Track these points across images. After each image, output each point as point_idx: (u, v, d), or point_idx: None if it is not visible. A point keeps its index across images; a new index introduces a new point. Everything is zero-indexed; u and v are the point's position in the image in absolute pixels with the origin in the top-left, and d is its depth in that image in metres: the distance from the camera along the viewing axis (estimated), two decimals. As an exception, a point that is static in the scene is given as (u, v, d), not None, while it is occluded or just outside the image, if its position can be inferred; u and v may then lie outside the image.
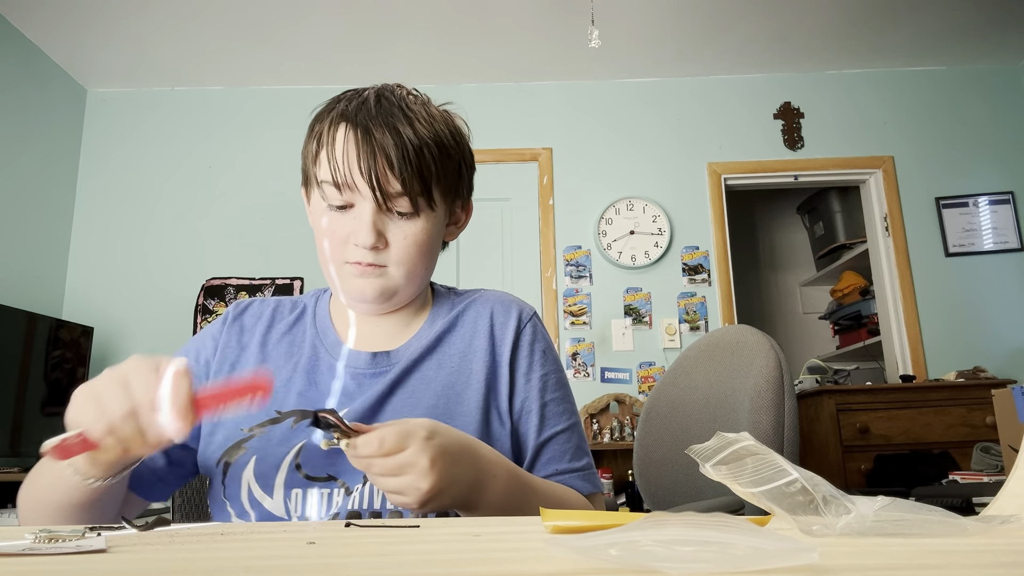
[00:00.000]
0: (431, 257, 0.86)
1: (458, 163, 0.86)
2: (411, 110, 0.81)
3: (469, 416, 0.84)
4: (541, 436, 0.87)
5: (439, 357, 0.88)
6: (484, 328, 0.90)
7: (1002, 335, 3.67)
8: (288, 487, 0.79)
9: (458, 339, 0.90)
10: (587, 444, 0.92)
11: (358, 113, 0.80)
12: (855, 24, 3.60)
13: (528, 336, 0.91)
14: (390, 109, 0.80)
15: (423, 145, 0.79)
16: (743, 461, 0.43)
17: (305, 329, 0.92)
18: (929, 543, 0.37)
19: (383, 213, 0.80)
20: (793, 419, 1.12)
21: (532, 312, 0.94)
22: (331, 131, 0.80)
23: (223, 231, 3.80)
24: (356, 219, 0.80)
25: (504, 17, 3.45)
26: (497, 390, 0.87)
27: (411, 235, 0.82)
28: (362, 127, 0.78)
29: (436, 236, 0.85)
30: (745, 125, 3.96)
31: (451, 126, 0.86)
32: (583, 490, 0.86)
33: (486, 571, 0.31)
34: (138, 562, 0.36)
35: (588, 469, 0.88)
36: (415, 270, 0.84)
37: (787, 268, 5.16)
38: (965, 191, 3.85)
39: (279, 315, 0.95)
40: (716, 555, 0.28)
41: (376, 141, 0.78)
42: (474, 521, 0.59)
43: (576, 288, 3.75)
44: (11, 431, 2.93)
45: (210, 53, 3.68)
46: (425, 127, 0.80)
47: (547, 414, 0.88)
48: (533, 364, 0.89)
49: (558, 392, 0.90)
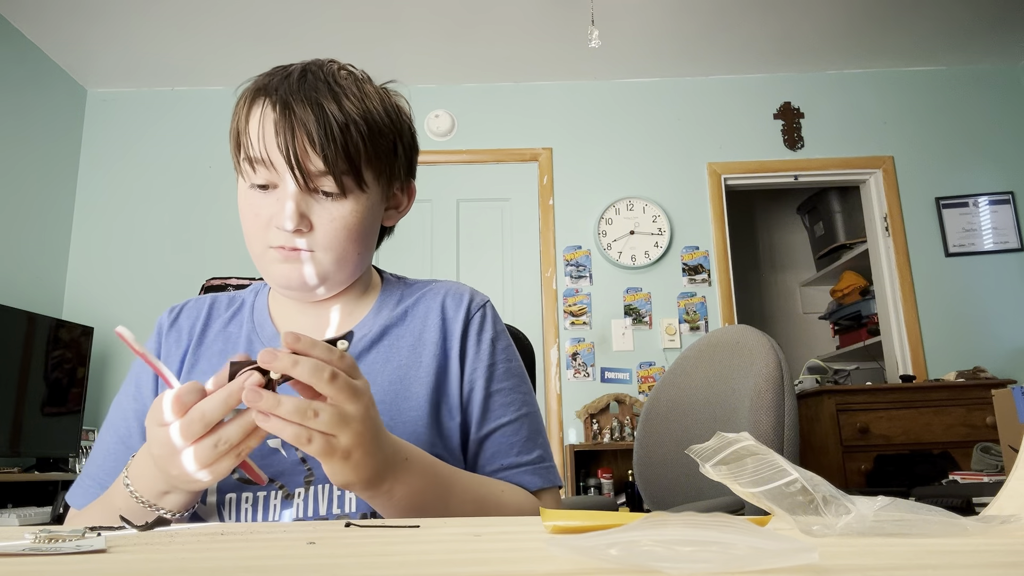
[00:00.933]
0: (364, 241, 0.80)
1: (392, 142, 0.79)
2: (339, 85, 0.75)
3: (417, 411, 0.80)
4: (483, 429, 0.82)
5: (386, 349, 0.84)
6: (435, 320, 0.86)
7: (1002, 335, 3.67)
8: (222, 492, 0.75)
9: (408, 332, 0.85)
10: (542, 436, 0.86)
11: (279, 88, 0.74)
12: (855, 24, 3.60)
13: (476, 325, 0.86)
14: (315, 84, 0.74)
15: (349, 122, 0.73)
16: (743, 461, 0.43)
17: (242, 324, 0.87)
18: (929, 543, 0.37)
19: (307, 194, 0.74)
20: (793, 419, 1.12)
21: (483, 301, 0.90)
22: (248, 106, 0.76)
23: (223, 231, 3.80)
24: (278, 200, 0.74)
25: (504, 17, 3.45)
26: (447, 383, 0.83)
27: (339, 217, 0.75)
28: (281, 101, 0.73)
29: (370, 219, 0.79)
30: (745, 125, 3.96)
31: (387, 104, 0.80)
32: (531, 485, 0.81)
33: (486, 571, 0.31)
34: (138, 562, 0.36)
35: (539, 463, 0.82)
36: (345, 255, 0.78)
37: (787, 268, 5.17)
38: (965, 191, 3.85)
39: (215, 312, 0.90)
40: (716, 555, 0.28)
41: (296, 116, 0.72)
42: (474, 521, 0.59)
43: (576, 288, 3.75)
44: (11, 431, 2.93)
45: (210, 53, 3.68)
46: (354, 103, 0.74)
47: (491, 405, 0.83)
48: (480, 354, 0.85)
49: (506, 382, 0.85)
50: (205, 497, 0.75)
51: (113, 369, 3.63)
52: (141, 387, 0.85)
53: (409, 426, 0.79)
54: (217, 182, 3.86)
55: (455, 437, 0.82)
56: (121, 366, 3.63)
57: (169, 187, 3.85)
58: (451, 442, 0.81)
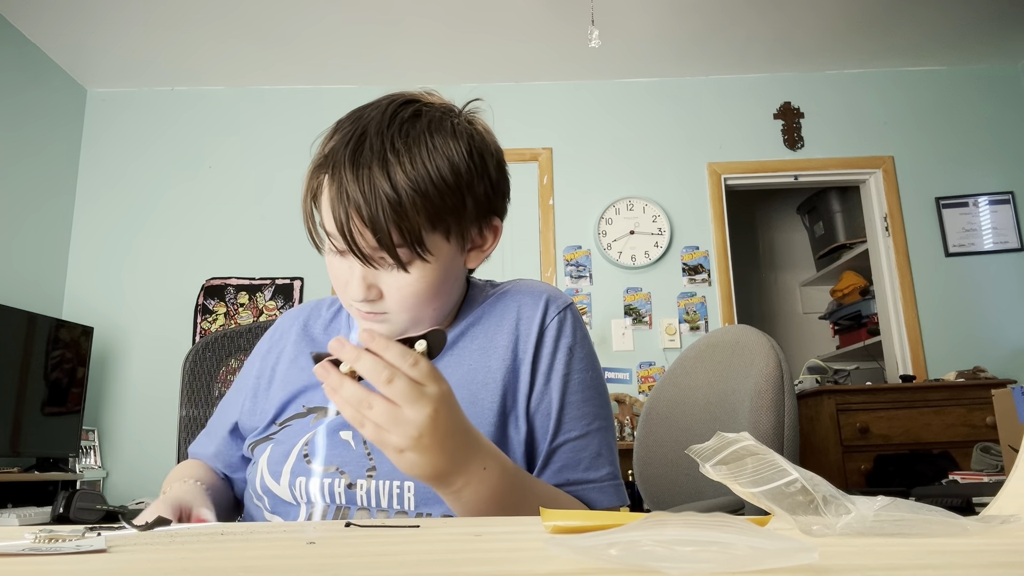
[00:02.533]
0: (439, 298, 0.79)
1: (459, 198, 0.76)
2: (395, 150, 0.72)
3: (482, 417, 0.80)
4: (554, 441, 0.80)
5: (458, 354, 0.84)
6: (510, 323, 0.84)
7: (1002, 335, 3.67)
8: (294, 475, 0.80)
9: (480, 334, 0.85)
10: (613, 453, 0.84)
11: (336, 161, 0.73)
12: (855, 24, 3.60)
13: (553, 331, 0.84)
14: (369, 154, 0.72)
15: (401, 196, 0.71)
16: (743, 461, 0.43)
17: (340, 327, 0.94)
18: (929, 543, 0.37)
19: (372, 264, 0.75)
20: (793, 419, 1.12)
21: (564, 305, 0.86)
22: (316, 178, 0.76)
23: (223, 231, 3.80)
24: (350, 268, 0.76)
25: (504, 17, 3.45)
26: (516, 390, 0.82)
27: (406, 286, 0.76)
28: (337, 179, 0.72)
29: (442, 277, 0.78)
30: (745, 125, 3.96)
31: (458, 153, 0.75)
32: (598, 504, 0.80)
33: (486, 571, 0.31)
34: (138, 562, 0.36)
35: (607, 481, 0.81)
36: (420, 315, 0.79)
37: (787, 268, 5.16)
38: (965, 191, 3.85)
39: (316, 314, 0.97)
40: (716, 555, 0.28)
41: (348, 195, 0.71)
42: (474, 521, 0.59)
43: (576, 288, 3.75)
44: (11, 431, 2.93)
45: (210, 53, 3.68)
46: (408, 173, 0.71)
47: (564, 418, 0.81)
48: (555, 362, 0.83)
49: (580, 394, 0.83)
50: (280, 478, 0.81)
51: (113, 369, 3.63)
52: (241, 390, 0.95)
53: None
54: (217, 182, 3.86)
55: (520, 448, 0.81)
56: (121, 366, 3.63)
57: (169, 187, 3.85)
58: (515, 451, 0.80)
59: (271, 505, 0.81)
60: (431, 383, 0.61)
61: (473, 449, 0.66)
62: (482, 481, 0.67)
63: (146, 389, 3.57)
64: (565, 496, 0.78)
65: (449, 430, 0.62)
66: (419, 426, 0.60)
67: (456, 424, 0.64)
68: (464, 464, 0.65)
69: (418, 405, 0.60)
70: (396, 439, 0.60)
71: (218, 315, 3.69)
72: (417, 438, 0.60)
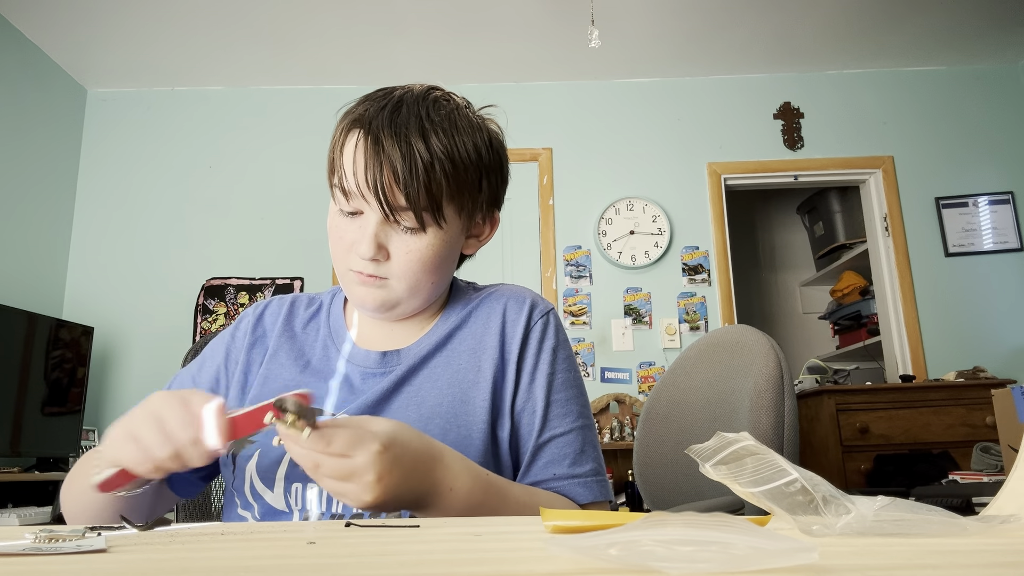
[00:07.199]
0: (439, 272, 0.83)
1: (478, 178, 0.83)
2: (430, 120, 0.78)
3: (474, 416, 0.81)
4: (540, 438, 0.83)
5: (448, 354, 0.86)
6: (496, 325, 0.87)
7: (1002, 335, 3.67)
8: (288, 481, 0.79)
9: (469, 336, 0.87)
10: (597, 450, 0.87)
11: (373, 120, 0.77)
12: (855, 24, 3.60)
13: (538, 333, 0.87)
14: (407, 119, 0.77)
15: (435, 159, 0.76)
16: (743, 461, 0.43)
17: (319, 328, 0.92)
18: (929, 543, 0.37)
19: (388, 225, 0.78)
20: (793, 419, 1.12)
21: (547, 308, 0.90)
22: (344, 135, 0.79)
23: (223, 231, 3.80)
24: (361, 228, 0.79)
25: (504, 17, 3.45)
26: (504, 389, 0.84)
27: (415, 250, 0.79)
28: (373, 135, 0.76)
29: (446, 251, 0.82)
30: (745, 125, 3.96)
31: (478, 139, 0.82)
32: (582, 498, 0.82)
33: (486, 571, 0.31)
34: (138, 562, 0.36)
35: (591, 476, 0.83)
36: (419, 285, 0.82)
37: (787, 268, 5.17)
38: (965, 191, 3.86)
39: (295, 312, 0.94)
40: (716, 555, 0.28)
41: (385, 152, 0.75)
42: (474, 521, 0.59)
43: (576, 288, 3.75)
44: (11, 431, 2.93)
45: (210, 53, 3.68)
46: (442, 141, 0.77)
47: (550, 415, 0.84)
48: (540, 363, 0.86)
49: (564, 393, 0.86)
50: (273, 486, 0.79)
51: (113, 369, 3.63)
52: (203, 371, 0.92)
53: (464, 430, 0.81)
54: (217, 182, 3.86)
55: (506, 445, 0.83)
56: (121, 366, 3.63)
57: (169, 187, 3.85)
58: (503, 449, 0.83)
59: (261, 513, 0.80)
60: (368, 425, 0.63)
61: (440, 470, 0.68)
62: (454, 499, 0.69)
63: (146, 389, 3.54)
64: (544, 494, 0.80)
65: (407, 458, 0.64)
66: (374, 467, 0.60)
67: (412, 450, 0.65)
68: (434, 486, 0.67)
69: (350, 478, 0.61)
70: (355, 489, 0.61)
71: (218, 315, 3.69)
72: (376, 480, 0.61)
